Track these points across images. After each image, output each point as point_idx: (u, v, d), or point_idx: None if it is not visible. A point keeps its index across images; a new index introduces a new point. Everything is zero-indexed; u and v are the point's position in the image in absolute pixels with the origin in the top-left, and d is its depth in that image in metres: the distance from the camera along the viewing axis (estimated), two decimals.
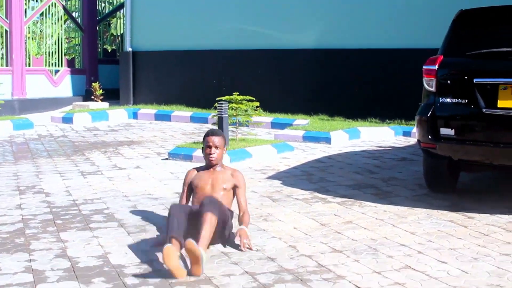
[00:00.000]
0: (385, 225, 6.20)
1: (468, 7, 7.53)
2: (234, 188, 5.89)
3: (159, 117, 16.50)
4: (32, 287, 4.48)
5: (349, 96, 15.17)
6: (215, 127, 10.76)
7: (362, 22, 15.19)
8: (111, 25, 27.14)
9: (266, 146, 10.58)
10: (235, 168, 6.11)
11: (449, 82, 7.02)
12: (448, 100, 6.96)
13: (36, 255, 5.20)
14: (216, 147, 5.88)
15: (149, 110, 17.00)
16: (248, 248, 5.37)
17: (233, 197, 5.92)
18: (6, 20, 18.38)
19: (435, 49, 7.55)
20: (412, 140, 12.39)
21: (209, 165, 5.96)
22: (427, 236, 5.78)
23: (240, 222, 5.68)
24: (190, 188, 5.96)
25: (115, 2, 23.15)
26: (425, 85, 7.20)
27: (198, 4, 17.98)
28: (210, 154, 5.89)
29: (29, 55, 19.58)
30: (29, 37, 20.58)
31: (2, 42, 18.76)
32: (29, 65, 19.18)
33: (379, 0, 14.95)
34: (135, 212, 6.69)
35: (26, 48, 19.10)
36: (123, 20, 21.84)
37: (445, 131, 6.89)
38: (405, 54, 14.35)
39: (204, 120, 15.55)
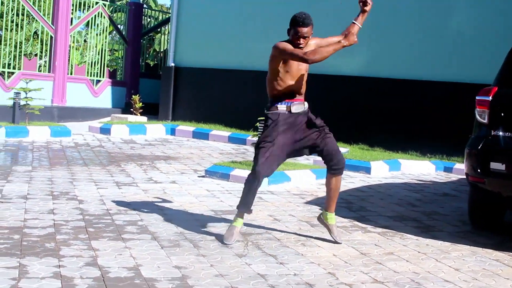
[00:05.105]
0: (428, 259, 5.94)
1: None
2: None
3: (197, 135, 16.35)
4: None
5: (391, 127, 14.92)
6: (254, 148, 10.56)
7: (408, 53, 14.96)
8: (155, 40, 27.24)
9: (305, 170, 10.36)
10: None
11: (502, 114, 6.74)
12: (501, 133, 6.68)
13: (66, 261, 5.03)
14: (305, 37, 6.06)
15: (187, 127, 16.86)
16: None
17: None
18: (52, 26, 18.45)
19: (483, 85, 7.30)
20: (454, 177, 12.11)
21: None
22: (472, 274, 5.51)
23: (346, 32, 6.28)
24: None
25: (160, 17, 23.18)
26: (477, 117, 6.93)
27: (243, 24, 17.90)
28: (299, 44, 6.05)
29: (72, 63, 19.59)
30: (72, 47, 20.64)
31: (46, 50, 18.81)
32: (71, 73, 19.18)
33: (428, 32, 14.71)
34: (170, 226, 6.50)
35: (69, 56, 19.14)
36: (167, 36, 21.89)
37: (496, 165, 6.59)
38: (451, 88, 14.08)
39: (242, 141, 15.38)
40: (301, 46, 6.01)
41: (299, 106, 6.19)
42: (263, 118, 9.86)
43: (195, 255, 5.51)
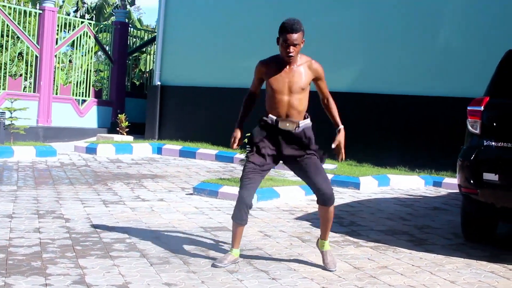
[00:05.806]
0: (422, 272, 5.83)
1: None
2: (315, 80, 5.82)
3: (183, 153, 16.23)
4: None
5: (378, 143, 14.84)
6: (242, 166, 10.42)
7: (396, 68, 14.91)
8: (140, 60, 27.11)
9: (294, 187, 10.25)
10: (309, 58, 5.76)
11: (494, 124, 6.67)
12: (493, 143, 6.61)
13: (53, 279, 4.89)
14: (295, 45, 5.50)
15: (174, 146, 16.74)
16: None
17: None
18: (37, 46, 18.32)
19: (471, 99, 7.23)
20: (443, 191, 12.05)
21: (285, 62, 5.64)
22: (468, 286, 5.41)
23: (330, 109, 6.32)
24: (261, 80, 5.86)
25: (146, 37, 23.08)
26: (469, 127, 6.86)
27: (228, 42, 17.83)
28: (289, 53, 5.52)
29: (57, 83, 19.43)
30: (58, 67, 20.50)
31: (31, 71, 18.66)
32: (57, 93, 19.03)
33: (414, 47, 14.67)
34: (159, 244, 6.37)
35: (54, 76, 19.00)
36: (153, 57, 21.77)
37: (489, 176, 6.51)
38: (438, 103, 14.03)
39: (230, 159, 15.27)
40: (290, 54, 5.51)
41: (288, 124, 5.75)
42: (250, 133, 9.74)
43: (185, 271, 5.38)
